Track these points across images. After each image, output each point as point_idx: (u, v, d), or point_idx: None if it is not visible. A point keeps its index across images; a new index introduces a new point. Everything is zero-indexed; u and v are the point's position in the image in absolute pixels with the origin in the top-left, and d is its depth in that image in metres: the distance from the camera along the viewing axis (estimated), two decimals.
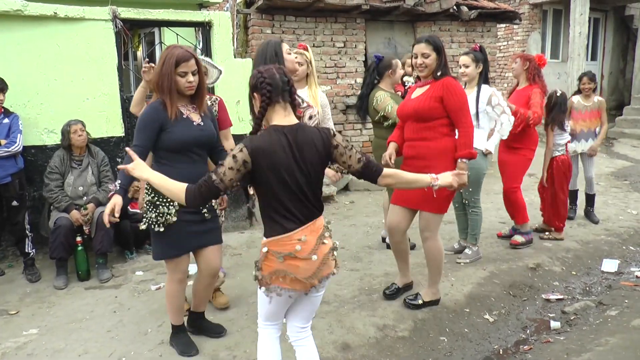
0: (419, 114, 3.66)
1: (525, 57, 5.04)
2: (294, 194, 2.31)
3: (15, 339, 3.62)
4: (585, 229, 5.82)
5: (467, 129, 3.61)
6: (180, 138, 2.96)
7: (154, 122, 2.93)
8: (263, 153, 2.24)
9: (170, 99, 2.93)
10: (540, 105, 4.87)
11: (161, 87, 2.93)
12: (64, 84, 5.15)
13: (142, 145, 2.91)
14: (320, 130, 2.41)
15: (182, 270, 3.19)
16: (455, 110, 3.59)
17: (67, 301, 4.26)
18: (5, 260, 5.10)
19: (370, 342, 3.50)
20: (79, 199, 4.76)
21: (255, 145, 2.24)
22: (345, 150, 2.41)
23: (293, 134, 2.30)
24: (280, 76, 2.33)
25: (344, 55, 8.10)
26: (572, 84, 10.49)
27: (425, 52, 3.62)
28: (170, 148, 2.98)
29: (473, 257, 4.84)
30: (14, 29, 4.92)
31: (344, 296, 4.14)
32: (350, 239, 5.57)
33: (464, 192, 4.73)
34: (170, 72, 2.89)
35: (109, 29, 5.31)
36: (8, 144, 4.53)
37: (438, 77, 3.66)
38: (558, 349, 3.52)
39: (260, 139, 2.27)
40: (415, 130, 3.72)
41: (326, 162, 2.43)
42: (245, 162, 2.23)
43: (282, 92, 2.32)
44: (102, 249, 4.69)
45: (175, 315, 3.33)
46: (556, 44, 13.44)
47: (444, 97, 3.58)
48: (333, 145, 2.39)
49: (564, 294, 4.48)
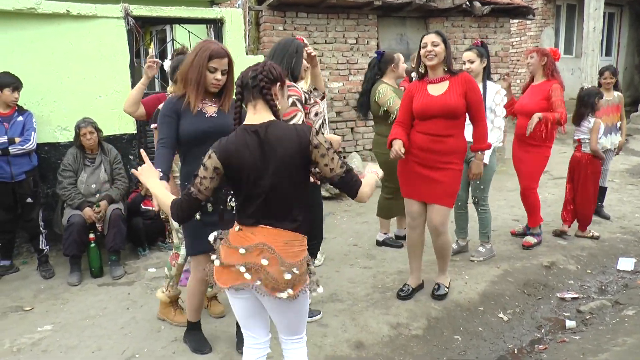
0: (451, 112, 3.65)
1: (542, 52, 4.94)
2: (259, 197, 2.15)
3: (30, 335, 3.64)
4: (600, 227, 5.75)
5: (485, 123, 3.74)
6: (190, 130, 2.91)
7: (172, 113, 2.92)
8: (230, 155, 2.13)
9: (196, 91, 2.88)
10: (563, 102, 4.73)
11: (188, 78, 2.88)
12: (77, 81, 5.17)
13: (166, 136, 2.90)
14: (297, 128, 2.21)
15: (202, 270, 3.09)
16: (477, 104, 3.68)
17: (81, 298, 4.28)
18: (19, 257, 5.13)
19: (384, 341, 3.48)
20: (92, 197, 4.78)
21: (222, 149, 2.15)
22: (327, 152, 2.15)
23: (263, 132, 2.15)
24: (252, 73, 2.19)
25: (356, 51, 8.06)
26: (585, 80, 10.36)
27: (435, 40, 3.63)
28: (182, 142, 2.94)
29: (487, 254, 4.79)
30: (27, 27, 4.93)
31: (357, 294, 4.12)
32: (362, 236, 5.55)
33: (473, 190, 4.69)
34: (201, 65, 2.83)
35: (121, 27, 5.32)
36: (22, 142, 4.55)
37: (455, 73, 3.69)
38: (574, 348, 3.48)
39: (227, 140, 2.17)
40: (444, 126, 3.68)
41: (304, 163, 2.17)
42: (216, 167, 2.14)
43: (251, 89, 2.18)
44: (114, 246, 4.70)
45: (193, 312, 3.31)
46: (570, 39, 13.30)
47: (467, 92, 3.64)
48: (312, 144, 2.13)
49: (579, 292, 4.43)
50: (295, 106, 3.28)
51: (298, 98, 3.30)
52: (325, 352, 3.31)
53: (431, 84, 3.75)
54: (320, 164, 2.16)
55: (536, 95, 4.84)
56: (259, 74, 2.17)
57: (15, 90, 4.55)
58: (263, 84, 2.16)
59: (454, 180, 3.77)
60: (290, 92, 3.27)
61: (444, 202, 3.77)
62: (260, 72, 2.18)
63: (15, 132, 4.57)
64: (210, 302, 3.88)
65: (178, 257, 3.56)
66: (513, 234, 5.46)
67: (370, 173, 2.37)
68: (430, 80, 3.76)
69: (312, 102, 3.47)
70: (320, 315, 3.72)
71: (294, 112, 3.27)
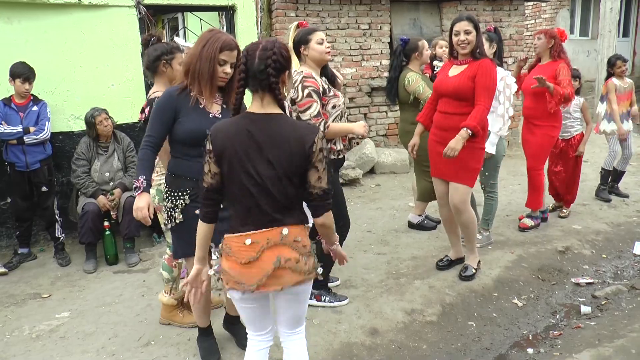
0: (459, 93, 3.72)
1: (550, 34, 4.89)
2: (246, 193, 2.05)
3: (49, 322, 3.70)
4: (616, 211, 5.69)
5: (485, 109, 3.67)
6: (190, 129, 2.70)
7: (167, 110, 2.71)
8: (220, 139, 2.03)
9: (210, 85, 2.67)
10: (570, 81, 4.74)
11: (197, 70, 2.64)
12: (89, 70, 5.19)
13: (156, 134, 2.72)
14: (304, 126, 2.10)
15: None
16: (480, 88, 3.64)
17: (97, 285, 4.33)
18: (36, 245, 5.20)
19: (399, 327, 3.49)
20: (106, 185, 4.81)
21: (214, 130, 2.06)
22: (324, 162, 2.05)
23: (262, 124, 2.03)
24: (260, 63, 2.00)
25: (369, 37, 7.99)
26: (602, 61, 10.22)
27: (468, 28, 3.68)
28: (180, 140, 2.74)
29: (483, 242, 4.73)
30: (40, 17, 4.95)
31: (372, 280, 4.12)
32: (376, 222, 5.54)
33: (481, 175, 4.63)
34: (212, 57, 2.62)
35: (133, 15, 5.32)
36: (36, 132, 4.60)
37: (477, 57, 3.73)
38: (589, 334, 3.46)
39: (223, 123, 2.09)
40: (455, 106, 3.78)
41: (303, 165, 2.04)
42: (209, 150, 2.05)
43: (258, 80, 2.03)
44: (129, 234, 4.75)
45: (199, 316, 3.12)
46: (585, 20, 13.09)
47: (476, 75, 3.65)
48: (317, 146, 2.02)
49: (594, 277, 4.40)
50: (311, 97, 3.24)
51: (315, 89, 3.26)
52: (339, 339, 3.32)
53: (455, 65, 3.84)
54: (312, 170, 2.05)
55: (544, 74, 4.78)
56: (268, 65, 2.00)
57: (26, 81, 4.57)
58: (273, 79, 2.01)
59: (471, 158, 3.78)
60: (307, 84, 3.25)
61: (462, 180, 3.83)
62: (270, 56, 2.00)
63: (30, 121, 4.61)
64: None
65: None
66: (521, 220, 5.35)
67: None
68: (456, 61, 3.85)
69: (332, 94, 3.44)
70: (346, 300, 3.76)
71: (310, 103, 3.23)
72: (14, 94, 4.63)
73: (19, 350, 3.34)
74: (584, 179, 6.77)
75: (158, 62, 3.24)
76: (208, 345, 3.16)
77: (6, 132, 4.50)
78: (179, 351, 3.24)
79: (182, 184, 2.78)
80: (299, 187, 2.10)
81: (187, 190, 2.77)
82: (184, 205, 2.78)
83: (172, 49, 3.27)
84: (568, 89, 4.63)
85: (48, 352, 3.30)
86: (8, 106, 4.60)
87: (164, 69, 3.24)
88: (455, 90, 3.72)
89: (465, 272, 4.08)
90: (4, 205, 5.05)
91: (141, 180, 2.66)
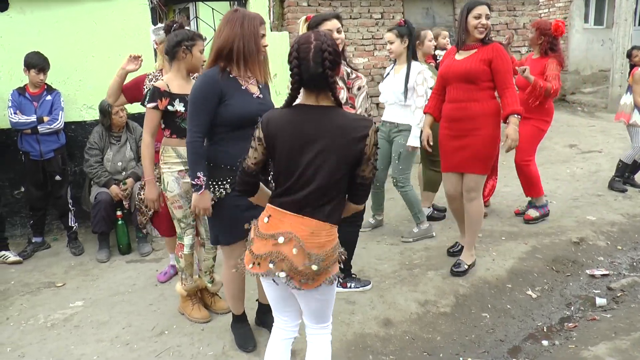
0: (470, 76, 3.69)
1: (541, 31, 4.80)
2: (291, 180, 2.05)
3: (63, 311, 3.73)
4: (632, 202, 5.63)
5: (513, 90, 3.68)
6: (239, 112, 2.67)
7: (213, 96, 2.65)
8: (272, 127, 2.05)
9: (259, 63, 2.66)
10: (557, 76, 4.68)
11: (241, 49, 2.61)
12: (101, 60, 5.18)
13: (203, 123, 2.66)
14: (357, 119, 2.08)
15: (236, 257, 2.73)
16: (503, 72, 3.65)
17: (110, 274, 4.36)
18: (50, 233, 5.24)
19: (412, 318, 3.47)
20: (118, 174, 4.82)
21: (266, 119, 2.07)
22: (375, 154, 2.05)
23: (316, 115, 2.02)
24: (317, 66, 1.96)
25: (381, 26, 7.91)
26: (617, 50, 10.09)
27: (489, 13, 3.70)
28: (226, 123, 2.69)
29: (420, 235, 4.72)
30: (52, 7, 4.95)
31: (385, 271, 4.11)
32: (389, 212, 5.50)
33: (393, 171, 4.62)
34: (255, 34, 2.61)
35: (145, 5, 5.30)
36: (50, 121, 4.61)
37: (487, 42, 3.72)
38: (605, 327, 3.43)
39: (276, 112, 2.09)
40: (464, 91, 3.75)
41: (351, 163, 2.03)
42: (259, 138, 2.07)
43: (316, 82, 2.00)
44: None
45: (233, 303, 3.12)
46: (600, 9, 12.90)
47: (493, 60, 3.64)
48: (372, 142, 2.02)
49: (610, 269, 4.35)
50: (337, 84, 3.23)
51: (340, 76, 3.25)
52: (353, 330, 3.32)
53: (462, 50, 3.81)
54: (365, 163, 2.04)
55: (534, 69, 4.75)
56: (325, 68, 1.97)
57: (41, 72, 4.58)
58: (331, 79, 2.01)
59: (484, 144, 3.76)
60: None
61: (475, 169, 3.81)
62: (327, 57, 1.96)
63: (44, 111, 4.63)
64: (213, 298, 3.65)
65: (183, 248, 3.35)
66: (517, 214, 5.28)
67: None
68: (462, 47, 3.81)
69: (354, 76, 3.43)
70: (370, 285, 3.79)
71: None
72: (28, 83, 4.65)
73: (34, 339, 3.37)
74: (598, 170, 6.72)
75: (178, 48, 3.19)
76: (243, 332, 3.15)
77: (21, 121, 4.53)
78: (193, 341, 3.25)
79: (221, 173, 2.77)
80: (344, 179, 2.08)
81: (227, 180, 2.76)
82: (224, 194, 2.79)
83: (194, 36, 3.25)
84: (553, 83, 4.60)
85: (63, 341, 3.33)
86: (22, 96, 4.62)
87: (184, 55, 3.22)
88: (467, 72, 3.68)
89: (457, 268, 3.98)
90: (18, 195, 5.09)
91: (201, 178, 2.67)
